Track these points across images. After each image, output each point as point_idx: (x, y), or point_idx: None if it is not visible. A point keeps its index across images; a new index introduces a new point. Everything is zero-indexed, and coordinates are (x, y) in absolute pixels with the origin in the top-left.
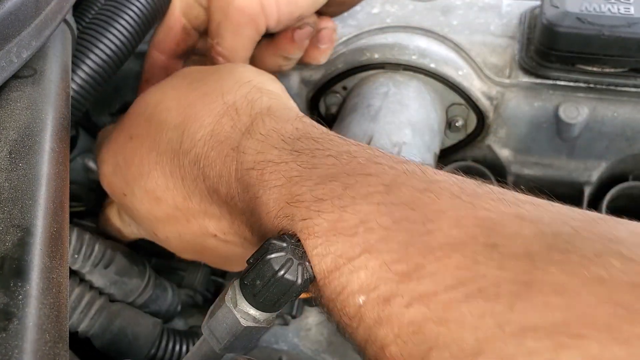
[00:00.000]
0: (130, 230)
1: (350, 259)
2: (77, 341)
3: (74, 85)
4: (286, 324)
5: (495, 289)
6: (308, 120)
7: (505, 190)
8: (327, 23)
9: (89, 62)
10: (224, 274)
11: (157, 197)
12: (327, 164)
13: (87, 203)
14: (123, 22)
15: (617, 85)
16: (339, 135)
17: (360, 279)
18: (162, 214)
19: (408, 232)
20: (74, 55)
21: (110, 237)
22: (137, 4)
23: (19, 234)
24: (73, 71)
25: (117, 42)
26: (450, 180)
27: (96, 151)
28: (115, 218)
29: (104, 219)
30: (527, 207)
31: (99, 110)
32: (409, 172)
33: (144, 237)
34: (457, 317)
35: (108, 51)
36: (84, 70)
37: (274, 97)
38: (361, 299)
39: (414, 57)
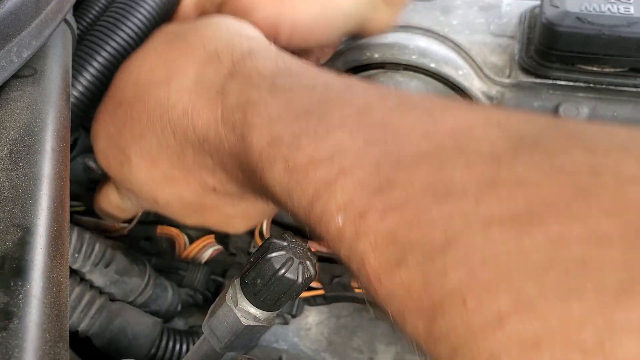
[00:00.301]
0: (129, 205)
1: (328, 184)
2: (78, 340)
3: (80, 87)
4: (286, 323)
5: (463, 189)
6: (287, 56)
7: (475, 103)
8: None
9: (92, 68)
10: (224, 273)
11: (153, 159)
12: (303, 97)
13: (87, 202)
14: (130, 24)
15: (617, 85)
16: (317, 68)
17: (337, 200)
18: (160, 176)
19: (380, 150)
20: (80, 57)
21: (105, 217)
22: (145, 6)
23: (20, 234)
24: (79, 73)
25: (124, 44)
26: (421, 97)
27: (90, 133)
28: (113, 195)
29: (101, 197)
30: (495, 115)
31: None
32: (383, 95)
33: (145, 208)
34: (427, 219)
35: (115, 53)
36: (90, 73)
37: (254, 40)
38: (340, 219)
39: (414, 57)
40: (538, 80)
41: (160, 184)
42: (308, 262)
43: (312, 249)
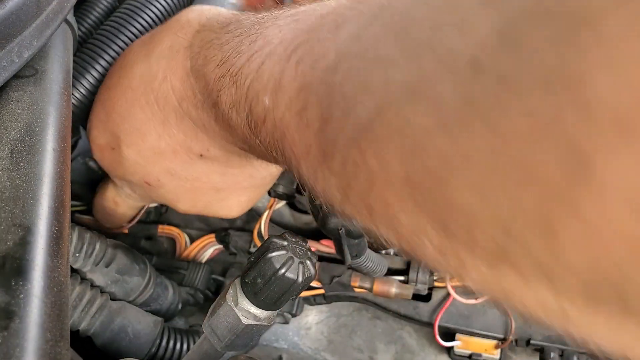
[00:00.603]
0: (123, 197)
1: (257, 72)
2: (78, 340)
3: (82, 90)
4: (286, 322)
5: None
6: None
7: None
8: None
9: (98, 67)
10: (224, 272)
11: (141, 133)
12: (248, 25)
13: (88, 202)
14: (133, 29)
15: None
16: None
17: (263, 80)
18: (149, 151)
19: (294, 30)
20: (82, 60)
21: (104, 222)
22: (149, 11)
23: (21, 233)
24: (82, 75)
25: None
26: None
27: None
28: (109, 190)
29: (98, 196)
30: None
31: None
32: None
33: (138, 196)
34: (326, 60)
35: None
36: (92, 75)
37: (222, 9)
38: (267, 99)
39: None
40: None
41: (149, 160)
42: (308, 262)
43: (312, 249)
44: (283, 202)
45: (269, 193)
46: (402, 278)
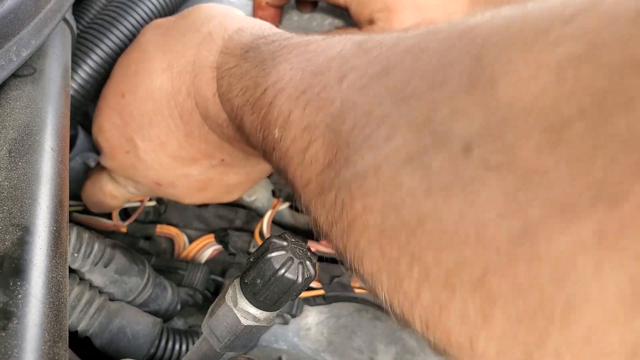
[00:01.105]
0: (123, 192)
1: (270, 105)
2: (77, 340)
3: (74, 85)
4: (286, 323)
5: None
6: (266, 26)
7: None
8: None
9: (90, 61)
10: (223, 273)
11: (162, 142)
12: (265, 54)
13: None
14: (126, 22)
15: None
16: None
17: (274, 114)
18: (168, 158)
19: (303, 69)
20: (75, 54)
21: (93, 207)
22: (143, 5)
23: (19, 233)
24: (74, 70)
25: (120, 41)
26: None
27: (92, 126)
28: (107, 183)
29: (93, 186)
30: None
31: None
32: (320, 39)
33: (141, 193)
34: (331, 102)
35: (110, 51)
36: (85, 70)
37: (242, 18)
38: (277, 131)
39: None
40: None
41: (167, 167)
42: (308, 262)
43: (312, 249)
44: (286, 204)
45: (274, 193)
46: None
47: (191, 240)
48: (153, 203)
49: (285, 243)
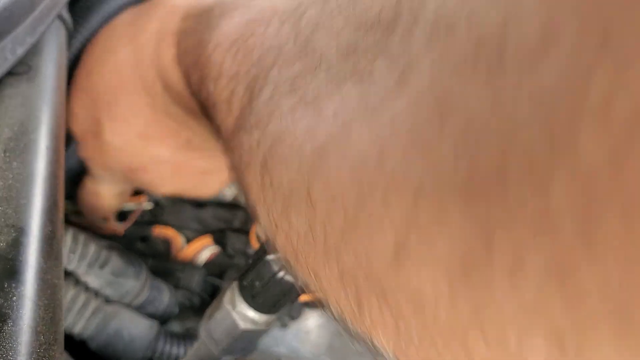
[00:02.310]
0: (104, 188)
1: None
2: (73, 343)
3: None
4: (285, 326)
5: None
6: None
7: None
8: None
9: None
10: (221, 275)
11: (127, 120)
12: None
13: None
14: (103, 12)
15: None
16: None
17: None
18: (135, 137)
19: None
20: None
21: (89, 214)
22: None
23: (13, 234)
24: None
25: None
26: None
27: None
28: (87, 180)
29: (80, 189)
30: None
31: None
32: None
33: (120, 183)
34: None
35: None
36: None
37: None
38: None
39: None
40: None
41: (135, 147)
42: None
43: None
44: None
45: None
46: None
47: (188, 241)
48: (151, 206)
49: None
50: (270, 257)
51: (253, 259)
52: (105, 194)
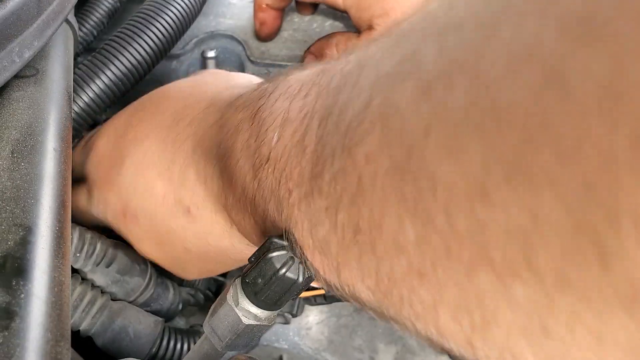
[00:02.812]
0: (94, 213)
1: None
2: (79, 340)
3: (80, 104)
4: (287, 322)
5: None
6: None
7: None
8: None
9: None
10: (225, 272)
11: (144, 166)
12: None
13: None
14: (147, 37)
15: None
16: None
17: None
18: (143, 185)
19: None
20: (90, 70)
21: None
22: (161, 20)
23: (21, 233)
24: (82, 89)
25: (135, 61)
26: None
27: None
28: (82, 198)
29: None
30: None
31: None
32: None
33: (106, 220)
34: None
35: (126, 68)
36: (93, 90)
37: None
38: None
39: None
40: None
41: (138, 194)
42: (309, 262)
43: None
44: None
45: None
46: None
47: None
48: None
49: (286, 243)
50: (272, 254)
51: (255, 257)
52: (88, 209)
